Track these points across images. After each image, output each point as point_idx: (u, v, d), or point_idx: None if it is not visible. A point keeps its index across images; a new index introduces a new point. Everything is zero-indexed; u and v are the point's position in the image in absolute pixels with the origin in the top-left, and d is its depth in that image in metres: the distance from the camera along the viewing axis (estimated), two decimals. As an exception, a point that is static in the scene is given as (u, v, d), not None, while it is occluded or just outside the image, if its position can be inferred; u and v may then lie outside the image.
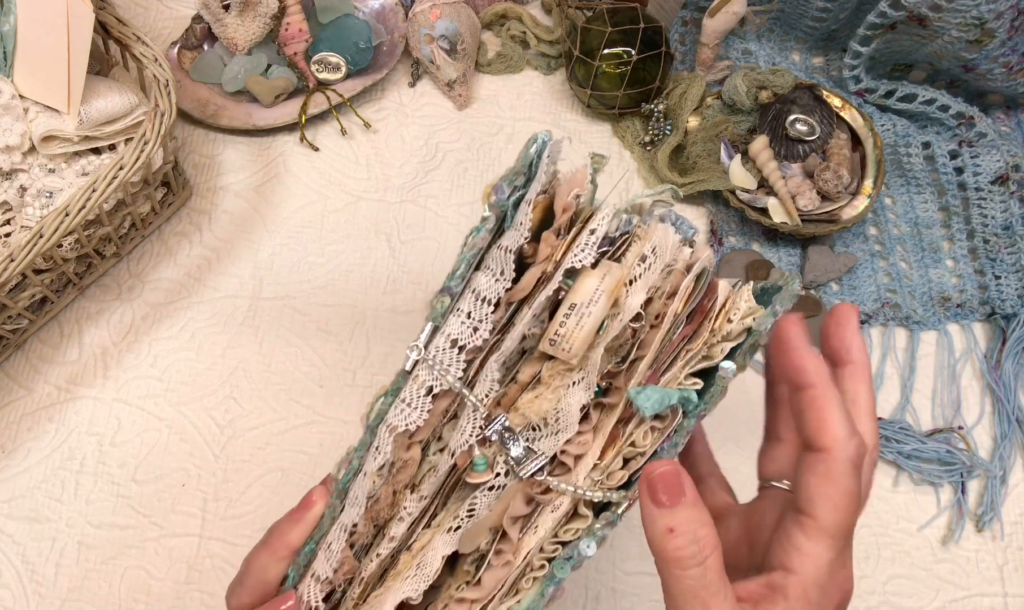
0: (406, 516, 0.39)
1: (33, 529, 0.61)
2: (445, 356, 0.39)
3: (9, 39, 0.62)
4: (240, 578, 0.42)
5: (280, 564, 0.40)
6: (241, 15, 0.74)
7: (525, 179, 0.38)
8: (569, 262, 0.37)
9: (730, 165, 0.72)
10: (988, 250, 0.70)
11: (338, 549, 0.39)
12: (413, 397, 0.38)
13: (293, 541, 0.40)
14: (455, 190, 0.74)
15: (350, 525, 0.39)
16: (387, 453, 0.38)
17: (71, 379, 0.66)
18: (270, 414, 0.65)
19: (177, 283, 0.70)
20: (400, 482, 0.40)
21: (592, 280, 0.37)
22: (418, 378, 0.39)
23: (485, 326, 0.38)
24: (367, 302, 0.69)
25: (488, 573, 0.38)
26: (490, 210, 0.38)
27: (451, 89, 0.77)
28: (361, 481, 0.39)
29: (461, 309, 0.39)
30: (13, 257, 0.57)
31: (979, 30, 0.66)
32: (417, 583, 0.38)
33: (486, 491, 0.38)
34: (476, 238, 0.38)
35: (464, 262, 0.38)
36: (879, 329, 0.69)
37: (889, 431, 0.64)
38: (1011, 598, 0.61)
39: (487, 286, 0.38)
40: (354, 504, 0.39)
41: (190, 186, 0.73)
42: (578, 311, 0.36)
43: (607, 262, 0.38)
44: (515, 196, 0.38)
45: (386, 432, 0.39)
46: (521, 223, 0.38)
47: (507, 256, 0.38)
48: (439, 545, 0.38)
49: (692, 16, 0.78)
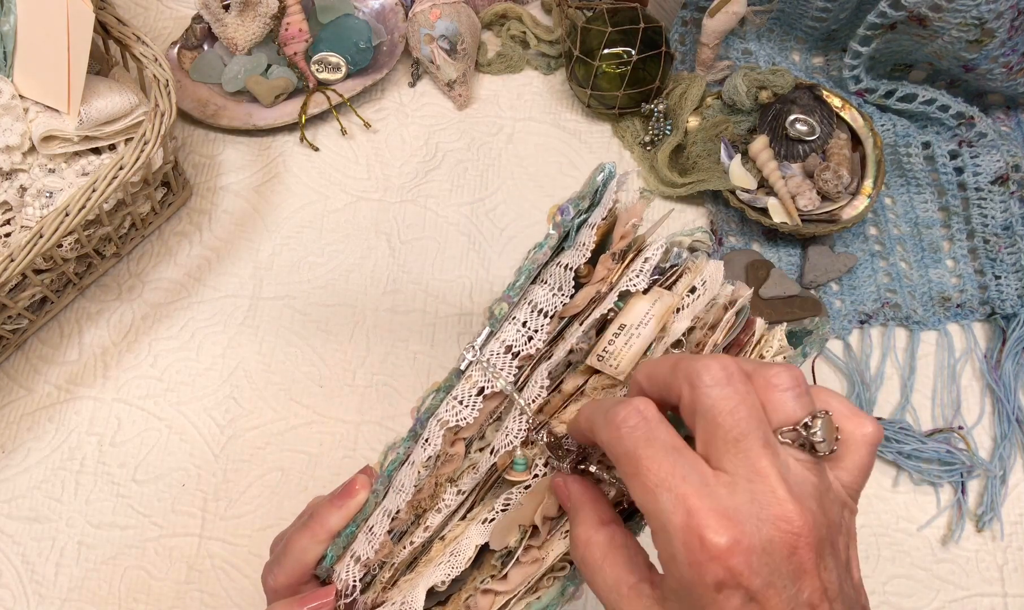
0: (444, 508, 0.42)
1: (33, 529, 0.61)
2: (499, 360, 0.41)
3: (9, 39, 0.62)
4: (277, 558, 0.43)
5: (319, 547, 0.42)
6: (241, 15, 0.74)
7: (590, 203, 0.41)
8: (624, 285, 0.41)
9: (730, 165, 0.72)
10: (988, 250, 0.70)
11: (380, 532, 0.41)
12: (465, 395, 0.41)
13: (334, 526, 0.42)
14: (455, 190, 0.74)
15: (394, 511, 0.41)
16: (437, 445, 0.40)
17: (71, 379, 0.66)
18: (270, 414, 0.65)
19: (177, 283, 0.70)
20: (443, 475, 0.42)
21: (643, 304, 0.40)
22: (471, 378, 0.41)
23: (540, 336, 0.41)
24: (367, 302, 0.69)
25: (516, 569, 0.40)
26: (554, 229, 0.41)
27: (451, 89, 0.77)
28: (407, 470, 0.41)
29: (517, 318, 0.41)
30: (13, 257, 0.57)
31: (979, 30, 0.66)
32: (449, 569, 0.40)
33: (522, 490, 0.41)
34: (538, 253, 0.41)
35: (525, 274, 0.41)
36: (879, 329, 0.69)
37: (889, 431, 0.64)
38: (1011, 598, 0.61)
39: (544, 299, 0.41)
40: (400, 491, 0.41)
41: (190, 186, 0.73)
42: (627, 331, 0.39)
43: (658, 289, 0.41)
44: (579, 219, 0.41)
45: (437, 426, 0.41)
46: (583, 244, 0.41)
47: (567, 273, 0.41)
48: (473, 534, 0.41)
49: (692, 16, 0.78)
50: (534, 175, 0.75)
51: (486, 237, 0.72)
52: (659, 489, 0.31)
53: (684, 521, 0.30)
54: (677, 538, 0.30)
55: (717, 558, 0.29)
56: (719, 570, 0.29)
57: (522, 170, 0.75)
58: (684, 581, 0.30)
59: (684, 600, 0.31)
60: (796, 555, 0.30)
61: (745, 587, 0.29)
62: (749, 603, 0.30)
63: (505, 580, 0.40)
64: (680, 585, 0.31)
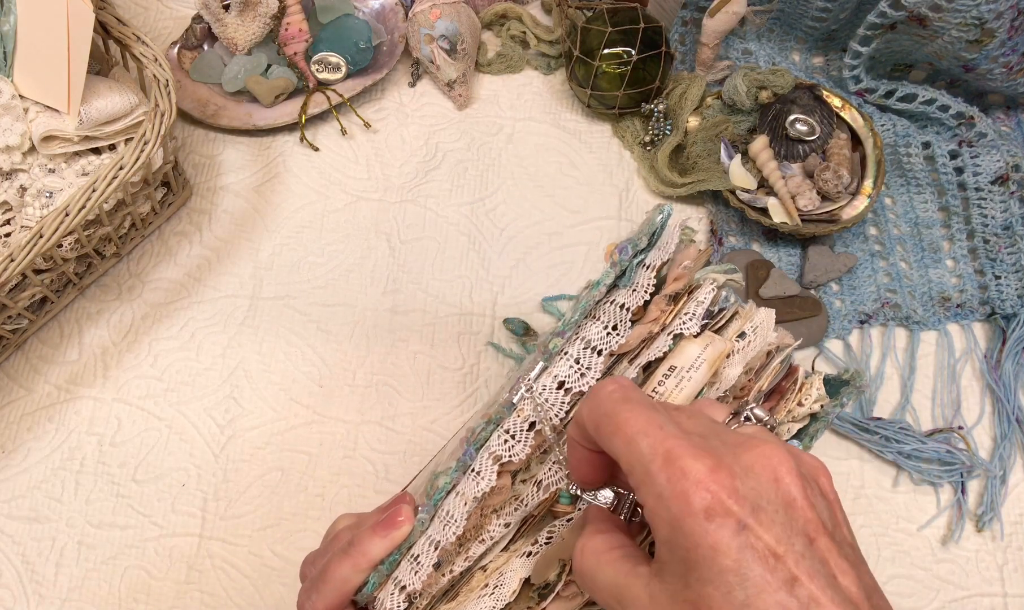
0: (488, 539, 0.42)
1: (33, 529, 0.61)
2: (551, 395, 0.41)
3: (9, 39, 0.62)
4: (316, 585, 0.42)
5: (360, 576, 0.41)
6: (241, 15, 0.74)
7: (647, 244, 0.42)
8: (677, 328, 0.41)
9: (730, 165, 0.72)
10: (988, 250, 0.70)
11: (427, 562, 0.40)
12: (517, 430, 0.40)
13: (376, 555, 0.41)
14: (455, 190, 0.74)
15: (444, 542, 0.40)
16: (491, 480, 0.40)
17: (71, 379, 0.66)
18: (270, 414, 0.65)
19: (177, 283, 0.70)
20: (489, 506, 0.42)
21: (694, 348, 0.40)
22: (523, 412, 0.41)
23: (593, 373, 0.41)
24: (367, 302, 0.69)
25: (556, 604, 0.40)
26: (612, 267, 0.41)
27: (451, 89, 0.77)
28: (454, 500, 0.41)
29: (569, 353, 0.41)
30: (13, 257, 0.57)
31: (979, 30, 0.66)
32: (493, 602, 0.40)
33: (565, 522, 0.41)
34: (595, 292, 0.41)
35: (580, 311, 0.41)
36: (879, 329, 0.69)
37: (889, 431, 0.64)
38: (1011, 598, 0.61)
39: (597, 337, 0.41)
40: (448, 522, 0.40)
41: (190, 186, 0.73)
42: (678, 373, 0.40)
43: (709, 334, 0.41)
44: (637, 258, 0.42)
45: (489, 460, 0.40)
46: (642, 285, 0.41)
47: (623, 313, 0.41)
48: (517, 567, 0.41)
49: (692, 16, 0.78)
50: (534, 175, 0.75)
51: (486, 237, 0.72)
52: (638, 436, 0.31)
53: (664, 459, 0.30)
54: (660, 476, 0.30)
55: (700, 482, 0.29)
56: (705, 494, 0.29)
57: (522, 170, 0.75)
58: (674, 522, 0.30)
59: (677, 551, 0.30)
60: (781, 483, 0.30)
61: (735, 513, 0.29)
62: (742, 532, 0.29)
63: None
64: (671, 531, 0.30)
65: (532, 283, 0.70)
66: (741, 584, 0.28)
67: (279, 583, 0.60)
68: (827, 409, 0.42)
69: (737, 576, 0.28)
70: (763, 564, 0.28)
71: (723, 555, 0.28)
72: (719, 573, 0.28)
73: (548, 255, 0.71)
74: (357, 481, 0.63)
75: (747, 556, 0.28)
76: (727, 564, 0.28)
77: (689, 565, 0.29)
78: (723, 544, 0.29)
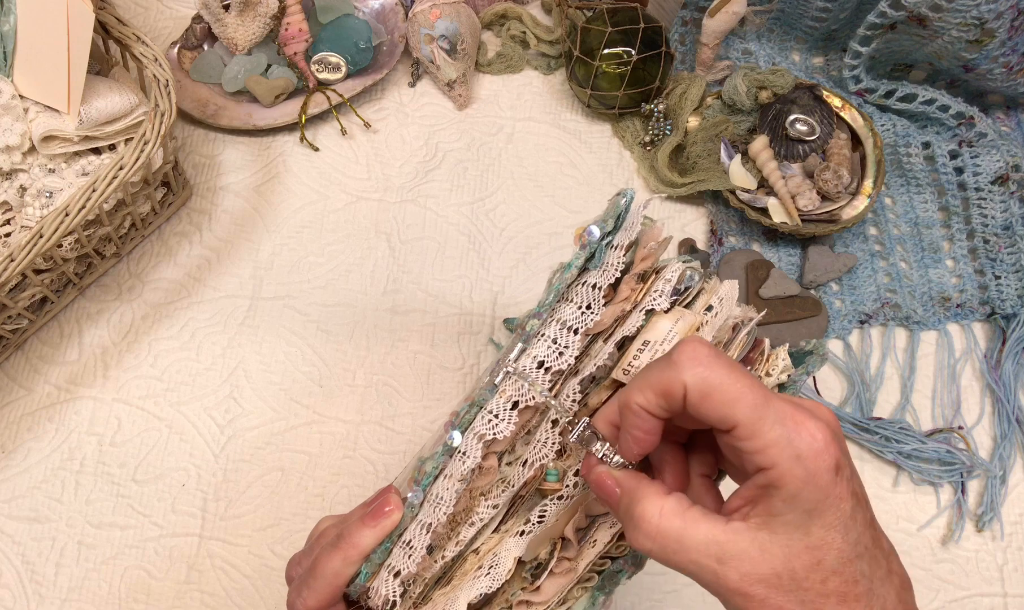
0: (477, 521, 0.43)
1: (33, 529, 0.61)
2: (531, 375, 0.42)
3: (9, 39, 0.62)
4: (306, 581, 0.42)
5: (351, 568, 0.41)
6: (241, 15, 0.74)
7: (613, 226, 0.43)
8: (648, 304, 0.43)
9: (730, 165, 0.72)
10: (988, 250, 0.70)
11: (420, 546, 0.41)
12: (500, 409, 0.42)
13: (367, 546, 0.41)
14: (455, 190, 0.74)
15: (434, 524, 0.41)
16: (476, 458, 0.41)
17: (71, 379, 0.66)
18: (270, 414, 0.65)
19: (177, 283, 0.70)
20: (477, 489, 0.43)
21: (666, 322, 0.42)
22: (505, 392, 0.42)
23: (571, 351, 0.42)
24: (367, 302, 0.69)
25: (550, 580, 0.42)
26: (582, 249, 0.43)
27: (451, 89, 0.77)
28: (443, 483, 0.42)
29: (546, 335, 0.43)
30: (13, 257, 0.57)
31: (979, 30, 0.66)
32: (489, 582, 0.41)
33: (555, 500, 0.42)
34: (567, 274, 0.43)
35: (554, 293, 0.43)
36: (879, 329, 0.69)
37: (889, 431, 0.64)
38: (1011, 598, 0.61)
39: (573, 316, 0.43)
40: (438, 504, 0.41)
41: (190, 186, 0.73)
42: (652, 347, 0.41)
43: (679, 308, 0.43)
44: (605, 240, 0.43)
45: (474, 440, 0.41)
46: (612, 264, 0.43)
47: (596, 292, 0.43)
48: (511, 547, 0.42)
49: (692, 16, 0.78)
50: (534, 175, 0.75)
51: (486, 237, 0.72)
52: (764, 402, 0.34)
53: (794, 422, 0.34)
54: (799, 438, 0.33)
55: (829, 442, 0.33)
56: (834, 451, 0.33)
57: (522, 170, 0.75)
58: (808, 478, 0.33)
59: (803, 504, 0.33)
60: (838, 433, 0.35)
61: (847, 467, 0.34)
62: (851, 478, 0.34)
63: (539, 592, 0.42)
64: (802, 485, 0.33)
65: (532, 283, 0.70)
66: (854, 524, 0.34)
67: (279, 583, 0.60)
68: (793, 377, 0.44)
69: (852, 519, 0.34)
70: (861, 506, 0.34)
71: (844, 502, 0.33)
72: (840, 518, 0.33)
73: (548, 255, 0.71)
74: (357, 481, 0.63)
75: (854, 502, 0.34)
76: (846, 509, 0.33)
77: (814, 515, 0.33)
78: (846, 493, 0.34)
